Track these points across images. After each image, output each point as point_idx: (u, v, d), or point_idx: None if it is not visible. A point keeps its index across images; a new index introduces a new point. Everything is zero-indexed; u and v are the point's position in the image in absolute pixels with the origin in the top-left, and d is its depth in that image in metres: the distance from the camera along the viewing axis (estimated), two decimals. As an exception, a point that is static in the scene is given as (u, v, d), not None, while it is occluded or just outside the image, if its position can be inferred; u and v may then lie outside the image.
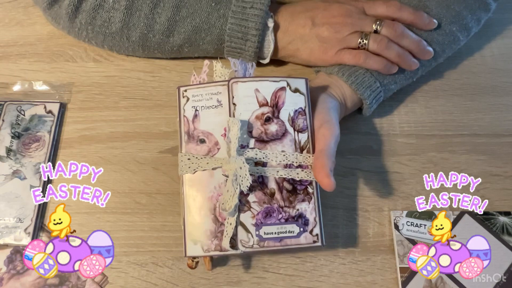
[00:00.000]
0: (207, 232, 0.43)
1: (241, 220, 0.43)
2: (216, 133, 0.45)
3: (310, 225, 0.44)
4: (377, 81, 0.53)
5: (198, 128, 0.46)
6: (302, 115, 0.46)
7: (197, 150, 0.45)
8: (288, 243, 0.43)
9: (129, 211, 0.52)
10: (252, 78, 0.46)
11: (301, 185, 0.44)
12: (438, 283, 0.48)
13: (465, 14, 0.56)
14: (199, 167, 0.44)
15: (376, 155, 0.56)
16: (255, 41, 0.53)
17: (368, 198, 0.53)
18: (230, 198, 0.42)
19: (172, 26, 0.54)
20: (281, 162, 0.45)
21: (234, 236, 0.43)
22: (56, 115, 0.56)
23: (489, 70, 0.63)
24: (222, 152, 0.45)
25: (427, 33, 0.55)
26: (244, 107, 0.45)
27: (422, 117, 0.59)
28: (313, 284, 0.49)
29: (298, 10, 0.55)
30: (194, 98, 0.47)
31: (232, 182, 0.42)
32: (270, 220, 0.43)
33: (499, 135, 0.58)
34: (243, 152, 0.44)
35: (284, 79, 0.47)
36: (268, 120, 0.46)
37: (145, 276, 0.49)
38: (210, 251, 0.43)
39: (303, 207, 0.44)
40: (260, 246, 0.43)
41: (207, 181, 0.44)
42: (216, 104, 0.46)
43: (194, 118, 0.46)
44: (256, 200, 0.44)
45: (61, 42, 0.62)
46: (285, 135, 0.45)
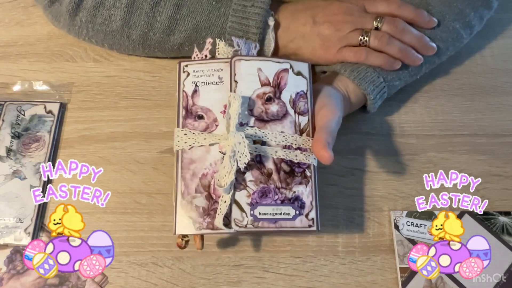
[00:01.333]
0: (200, 209, 0.43)
1: (236, 198, 0.43)
2: (215, 109, 0.45)
3: (306, 208, 0.43)
4: (381, 76, 0.53)
5: (197, 103, 0.45)
6: (304, 98, 0.46)
7: (194, 126, 0.45)
8: (283, 225, 0.43)
9: (129, 211, 0.52)
10: (255, 57, 0.46)
11: (299, 168, 0.44)
12: (438, 283, 0.48)
13: (468, 11, 0.56)
14: (196, 142, 0.44)
15: (376, 155, 0.56)
16: (256, 39, 0.53)
17: (368, 198, 0.53)
18: (226, 175, 0.41)
19: (172, 25, 0.54)
20: (280, 143, 0.44)
21: (228, 214, 0.42)
22: (56, 115, 0.56)
23: (489, 70, 0.63)
24: (220, 129, 0.44)
25: (430, 31, 0.55)
26: (246, 85, 0.45)
27: (422, 117, 0.59)
28: (313, 284, 0.49)
29: (299, 9, 0.55)
30: (195, 73, 0.46)
31: (230, 158, 0.41)
32: (266, 201, 0.43)
33: (499, 135, 0.58)
34: (243, 130, 0.44)
35: (288, 61, 0.47)
36: (269, 100, 0.45)
37: (145, 276, 0.49)
38: (201, 228, 0.42)
39: (300, 189, 0.43)
40: (254, 226, 0.42)
41: (202, 157, 0.44)
42: (217, 81, 0.46)
43: (194, 93, 0.46)
44: (252, 179, 0.43)
45: (61, 42, 0.62)
46: (285, 116, 0.45)
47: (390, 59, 0.53)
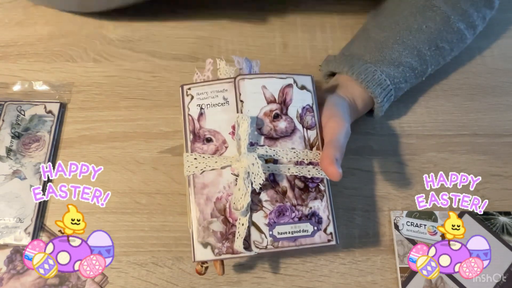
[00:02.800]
0: (217, 234, 0.42)
1: (253, 220, 0.42)
2: (223, 131, 0.44)
3: (324, 223, 0.43)
4: (387, 79, 0.53)
5: (204, 126, 0.45)
6: (310, 112, 0.46)
7: (203, 149, 0.44)
8: (303, 243, 0.42)
9: (129, 211, 0.52)
10: (258, 75, 0.46)
11: (313, 183, 0.44)
12: (438, 283, 0.48)
13: (471, 12, 0.56)
14: (207, 166, 0.43)
15: (376, 155, 0.56)
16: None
17: (368, 198, 0.53)
18: (242, 197, 0.41)
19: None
20: (291, 159, 0.44)
21: (247, 237, 0.42)
22: (56, 115, 0.56)
23: (489, 70, 0.63)
24: (230, 150, 0.44)
25: (436, 32, 0.55)
26: (252, 104, 0.45)
27: (422, 117, 0.59)
28: (313, 284, 0.49)
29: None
30: (199, 96, 0.46)
31: (244, 180, 0.41)
32: (284, 219, 0.42)
33: (499, 135, 0.58)
34: (254, 149, 0.43)
35: (290, 76, 0.46)
36: (277, 117, 0.45)
37: (145, 276, 0.49)
38: (221, 254, 0.41)
39: (315, 205, 0.43)
40: (274, 246, 0.42)
41: (215, 180, 0.43)
42: (222, 102, 0.45)
43: (200, 116, 0.45)
44: (268, 199, 0.43)
45: (61, 42, 0.63)
46: (294, 132, 0.45)
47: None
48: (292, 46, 0.64)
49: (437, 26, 0.55)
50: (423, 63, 0.55)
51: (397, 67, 0.54)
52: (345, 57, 0.54)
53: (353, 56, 0.54)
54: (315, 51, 0.64)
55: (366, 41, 0.56)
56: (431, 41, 0.55)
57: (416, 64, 0.55)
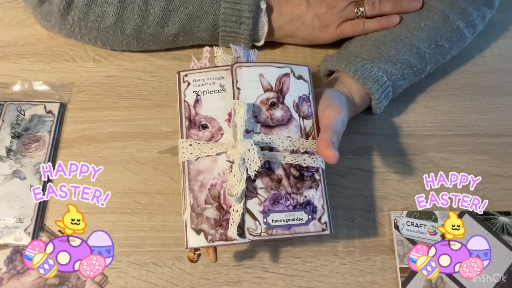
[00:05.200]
0: (211, 221, 0.42)
1: (247, 207, 0.42)
2: (219, 118, 0.44)
3: (318, 212, 0.43)
4: (384, 75, 0.53)
5: (200, 113, 0.45)
6: (307, 101, 0.46)
7: (199, 136, 0.44)
8: (297, 231, 0.42)
9: (129, 211, 0.52)
10: (256, 63, 0.46)
11: (308, 172, 0.44)
12: (438, 283, 0.48)
13: (471, 11, 0.57)
14: (202, 153, 0.43)
15: (376, 155, 0.56)
16: (249, 23, 0.54)
17: (368, 198, 0.53)
18: (237, 184, 0.41)
19: (166, 16, 0.55)
20: (287, 148, 0.44)
21: (241, 224, 0.41)
22: (56, 115, 0.56)
23: (489, 70, 0.63)
24: (225, 137, 0.44)
25: (435, 30, 0.55)
26: (249, 92, 0.45)
27: (422, 117, 0.59)
28: (313, 284, 0.49)
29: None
30: (196, 83, 0.46)
31: (239, 166, 0.41)
32: (278, 207, 0.42)
33: (499, 135, 0.58)
34: (250, 137, 0.43)
35: (288, 65, 0.47)
36: (274, 105, 0.45)
37: (145, 276, 0.49)
38: (214, 240, 0.41)
39: (310, 194, 0.43)
40: (268, 234, 0.42)
41: (210, 167, 0.43)
42: (219, 89, 0.45)
43: (196, 103, 0.45)
44: (263, 186, 0.43)
45: (61, 42, 0.62)
46: (290, 121, 0.45)
47: (387, 17, 0.56)
48: (292, 46, 0.64)
49: (436, 24, 0.56)
50: (422, 61, 0.55)
51: (394, 64, 0.54)
52: (342, 55, 0.55)
53: (350, 54, 0.55)
54: (315, 52, 0.63)
55: (363, 40, 0.57)
56: (430, 39, 0.55)
57: (415, 61, 0.55)
